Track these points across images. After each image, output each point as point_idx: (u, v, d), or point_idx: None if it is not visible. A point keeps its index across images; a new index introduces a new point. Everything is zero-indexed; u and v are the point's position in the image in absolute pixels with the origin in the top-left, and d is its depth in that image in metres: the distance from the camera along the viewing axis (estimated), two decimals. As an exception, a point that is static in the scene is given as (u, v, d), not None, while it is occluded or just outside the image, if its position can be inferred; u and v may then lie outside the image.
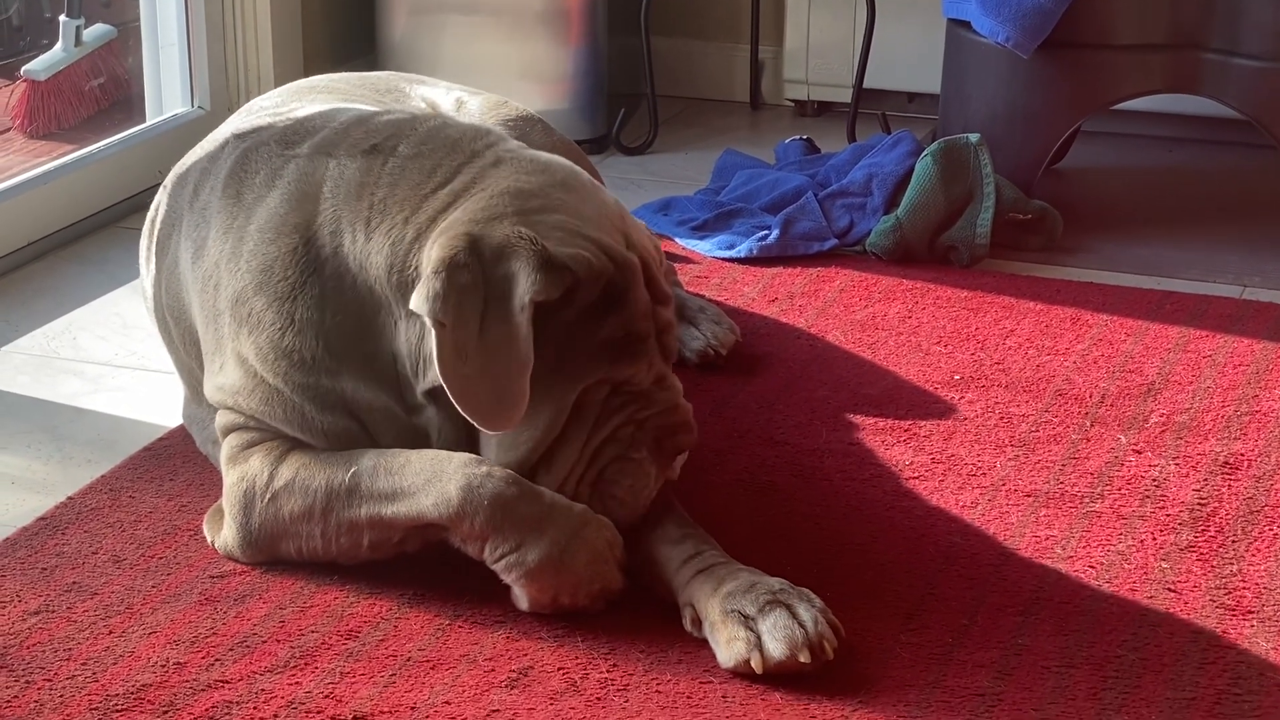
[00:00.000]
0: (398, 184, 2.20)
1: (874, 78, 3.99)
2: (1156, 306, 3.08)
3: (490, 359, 2.06)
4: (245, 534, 2.21)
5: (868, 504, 2.42)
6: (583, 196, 2.20)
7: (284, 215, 2.24)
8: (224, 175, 2.34)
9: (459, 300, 2.06)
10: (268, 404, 2.21)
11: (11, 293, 3.13)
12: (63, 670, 2.02)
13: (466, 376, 2.07)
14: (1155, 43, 3.38)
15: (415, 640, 2.09)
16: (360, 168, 2.23)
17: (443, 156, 2.22)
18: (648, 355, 2.16)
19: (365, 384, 2.19)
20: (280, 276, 2.21)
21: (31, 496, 2.43)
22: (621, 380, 2.14)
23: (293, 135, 2.33)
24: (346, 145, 2.27)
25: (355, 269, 2.19)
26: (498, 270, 2.07)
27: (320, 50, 3.95)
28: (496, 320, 2.06)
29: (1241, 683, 2.03)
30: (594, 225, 2.15)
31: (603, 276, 2.11)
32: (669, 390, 2.19)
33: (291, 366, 2.19)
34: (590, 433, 2.14)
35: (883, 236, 3.26)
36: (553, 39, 3.88)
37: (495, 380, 2.06)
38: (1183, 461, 2.53)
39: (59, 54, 3.81)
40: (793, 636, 2.00)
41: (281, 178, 2.27)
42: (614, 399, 2.15)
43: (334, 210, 2.22)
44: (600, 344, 2.12)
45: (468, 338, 2.06)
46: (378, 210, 2.19)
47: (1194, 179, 3.81)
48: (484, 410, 2.08)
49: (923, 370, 2.83)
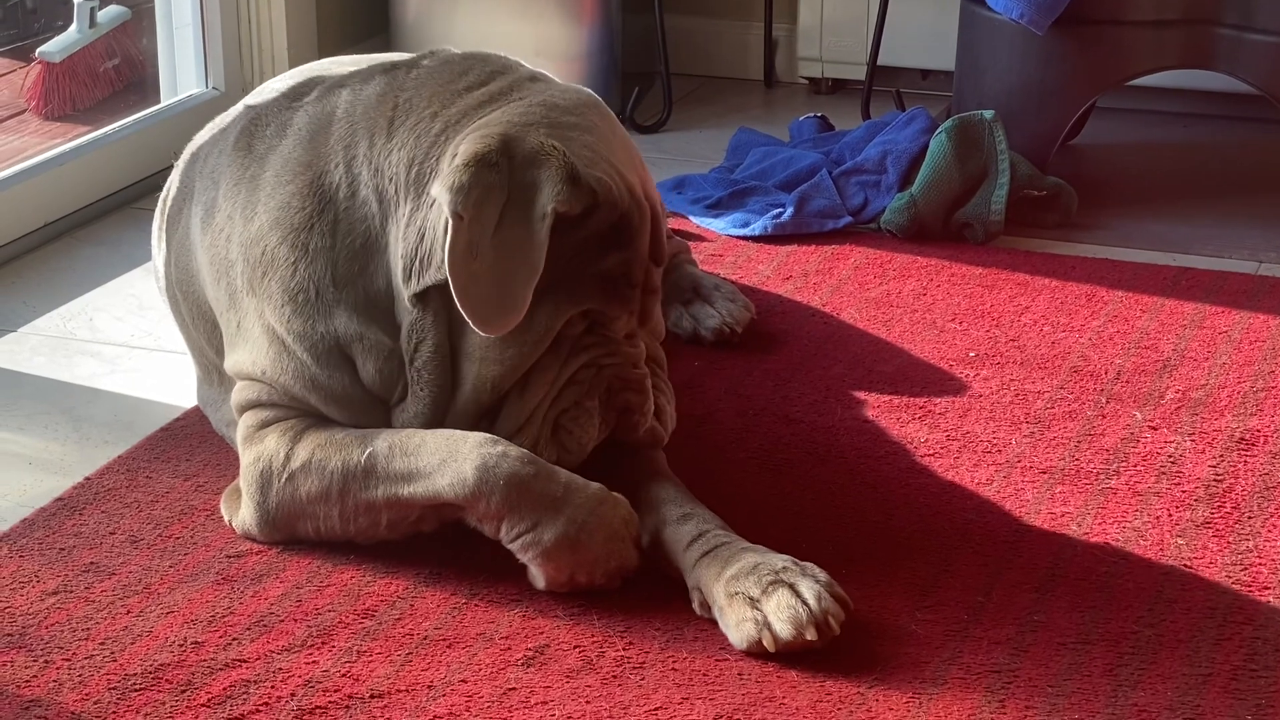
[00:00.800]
0: (425, 84, 2.21)
1: (888, 55, 3.98)
2: (1172, 283, 3.07)
3: (502, 259, 2.06)
4: (263, 514, 2.22)
5: (882, 481, 2.42)
6: (612, 126, 2.23)
7: (298, 155, 2.24)
8: (233, 137, 2.34)
9: (482, 196, 2.06)
10: (279, 359, 2.21)
11: (28, 274, 3.14)
12: (81, 650, 2.03)
13: (474, 273, 2.07)
14: (1170, 18, 3.37)
15: (431, 619, 2.10)
16: (381, 82, 2.24)
17: (473, 64, 2.24)
18: (633, 303, 2.17)
19: (357, 316, 2.18)
20: (296, 209, 2.21)
21: (49, 477, 2.44)
22: (601, 320, 2.16)
23: (300, 89, 2.34)
24: (361, 74, 2.27)
25: (370, 174, 2.18)
26: (525, 176, 2.08)
27: (334, 31, 3.95)
28: (515, 223, 2.07)
29: (1258, 658, 2.03)
30: (619, 157, 2.17)
31: (619, 207, 2.12)
32: (635, 348, 2.20)
33: (294, 311, 2.19)
34: (561, 366, 2.15)
35: (897, 214, 3.26)
36: (567, 17, 3.87)
37: (502, 281, 2.07)
38: (1199, 438, 2.53)
39: (74, 35, 3.82)
40: (797, 616, 2.00)
41: (293, 124, 2.27)
42: (586, 337, 2.16)
43: (349, 127, 2.21)
44: (598, 274, 2.13)
45: (483, 235, 2.06)
46: (403, 109, 2.19)
47: (1209, 155, 3.81)
48: (484, 310, 2.08)
49: (937, 347, 2.83)
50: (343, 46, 3.89)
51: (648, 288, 2.20)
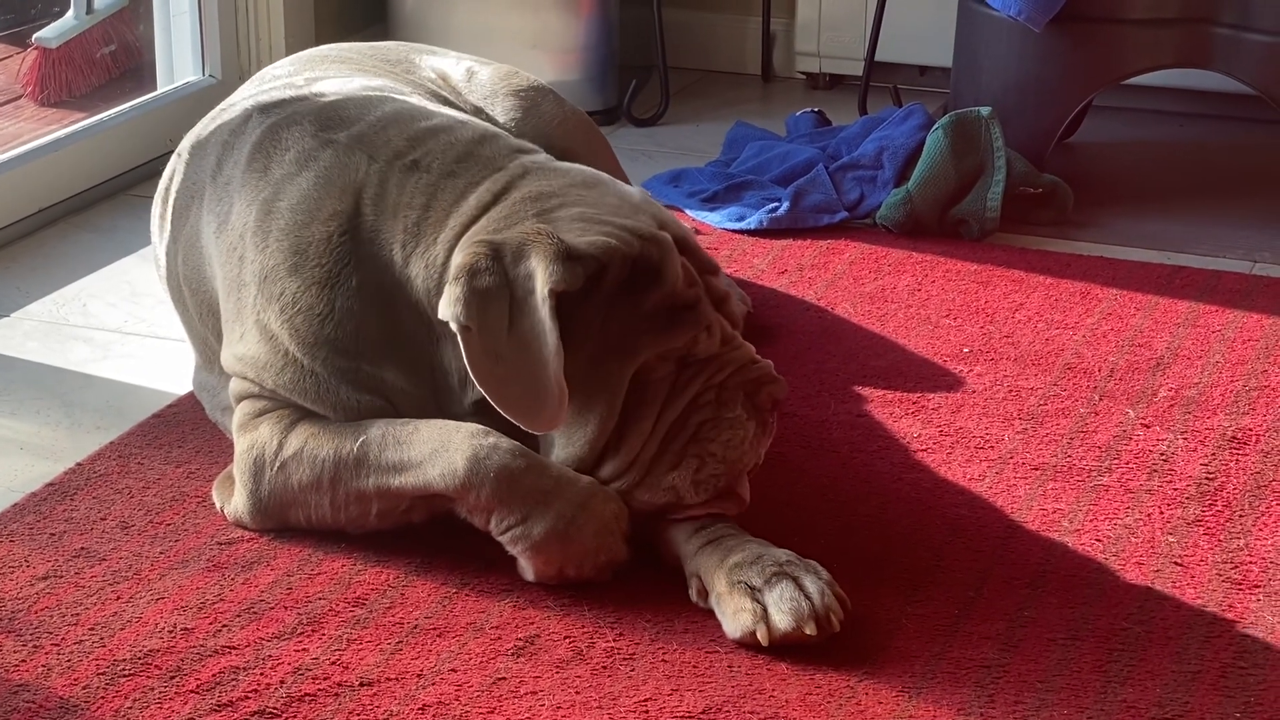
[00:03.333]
0: (429, 206, 2.21)
1: (886, 51, 3.98)
2: (1166, 281, 3.07)
3: (521, 356, 2.06)
4: (255, 502, 2.22)
5: (875, 476, 2.42)
6: (604, 191, 2.21)
7: (319, 200, 2.24)
8: (249, 149, 2.33)
9: (481, 303, 2.07)
10: (298, 382, 2.21)
11: (22, 259, 3.14)
12: (70, 635, 2.03)
13: (501, 377, 2.07)
14: (1167, 17, 3.37)
15: (422, 608, 2.10)
16: (397, 183, 2.23)
17: (475, 174, 2.23)
18: (702, 321, 2.13)
19: (405, 377, 2.20)
20: (316, 261, 2.21)
21: (40, 462, 2.44)
22: (683, 351, 2.13)
23: (328, 119, 2.32)
24: (388, 152, 2.26)
25: (400, 282, 2.19)
26: (519, 270, 2.08)
27: (331, 19, 3.95)
28: (521, 317, 2.07)
29: (1247, 656, 2.03)
30: (617, 211, 2.16)
31: (628, 256, 2.11)
32: (740, 349, 2.17)
33: (334, 353, 2.20)
34: (662, 409, 2.12)
35: (893, 209, 3.26)
36: (564, 9, 3.87)
37: (530, 378, 2.06)
38: (1190, 436, 2.53)
39: (70, 21, 3.81)
40: (799, 608, 2.00)
41: (317, 161, 2.27)
42: (685, 372, 2.13)
43: (375, 218, 2.22)
44: (645, 319, 2.11)
45: (496, 339, 2.07)
46: (411, 234, 2.20)
47: (1205, 154, 3.81)
48: (524, 408, 2.08)
49: (932, 343, 2.83)
50: (340, 35, 3.89)
51: (715, 298, 2.18)
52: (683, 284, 2.13)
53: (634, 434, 2.12)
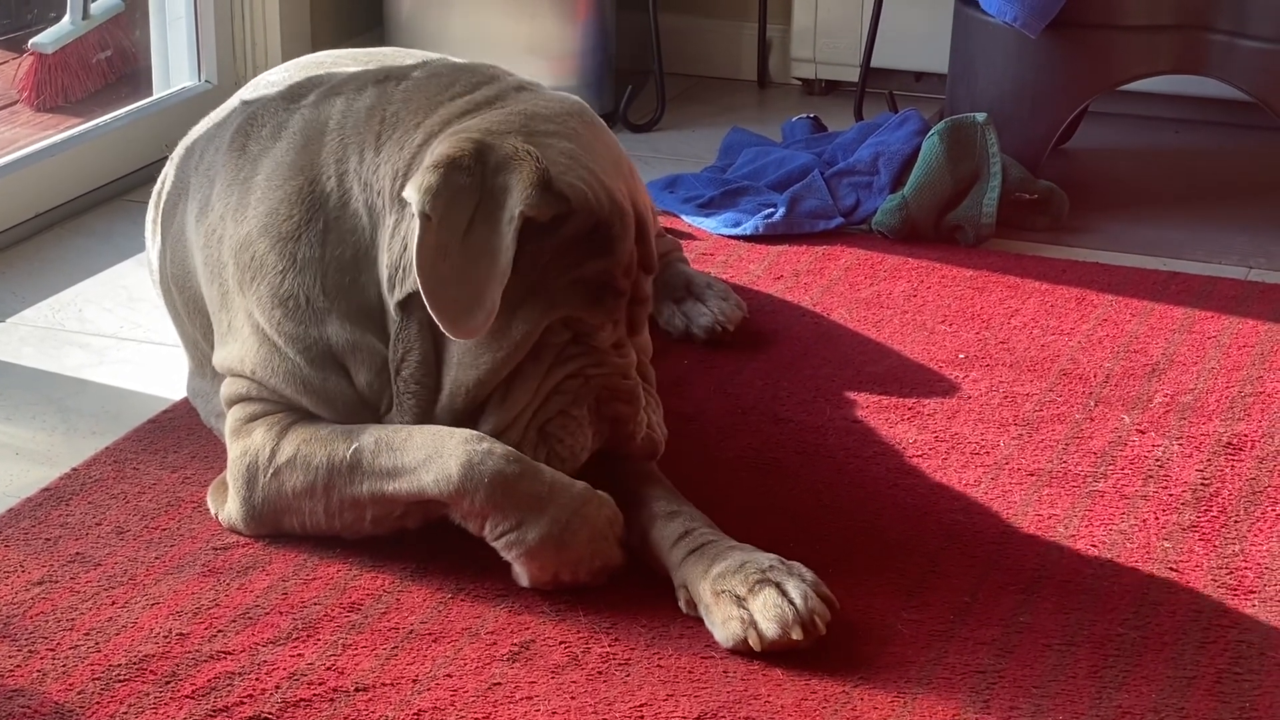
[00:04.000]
0: (412, 98, 2.21)
1: (881, 57, 3.98)
2: (1162, 287, 3.08)
3: (469, 262, 2.06)
4: (249, 508, 2.22)
5: (871, 482, 2.42)
6: (597, 135, 2.22)
7: (291, 160, 2.24)
8: (229, 136, 2.34)
9: (451, 198, 2.06)
10: (269, 359, 2.21)
11: (18, 265, 3.14)
12: (65, 640, 2.03)
13: (443, 276, 2.07)
14: (1162, 23, 3.37)
15: (417, 613, 2.10)
16: (372, 94, 2.24)
17: (460, 74, 2.24)
18: (617, 311, 2.16)
19: (350, 323, 2.19)
20: (285, 216, 2.21)
21: (36, 468, 2.44)
22: (585, 329, 2.15)
23: (298, 90, 2.34)
24: (355, 82, 2.27)
25: (360, 189, 2.19)
26: (497, 180, 2.08)
27: (327, 25, 3.95)
28: (483, 226, 2.07)
29: (1242, 662, 2.03)
30: (603, 164, 2.16)
31: (596, 214, 2.11)
32: (624, 358, 2.19)
33: (285, 315, 2.19)
34: (545, 374, 2.15)
35: (889, 215, 3.26)
36: (560, 15, 3.87)
37: (470, 284, 2.06)
38: (1186, 442, 2.53)
39: (67, 27, 3.81)
40: (783, 615, 2.00)
41: (288, 128, 2.27)
42: (571, 347, 2.16)
43: (340, 139, 2.22)
44: (577, 281, 2.12)
45: (451, 237, 2.06)
46: (389, 124, 2.19)
47: (1200, 160, 3.81)
48: (453, 312, 2.07)
49: (927, 349, 2.83)
50: (336, 41, 3.89)
51: (636, 297, 2.19)
52: (623, 268, 2.14)
53: (520, 390, 2.14)
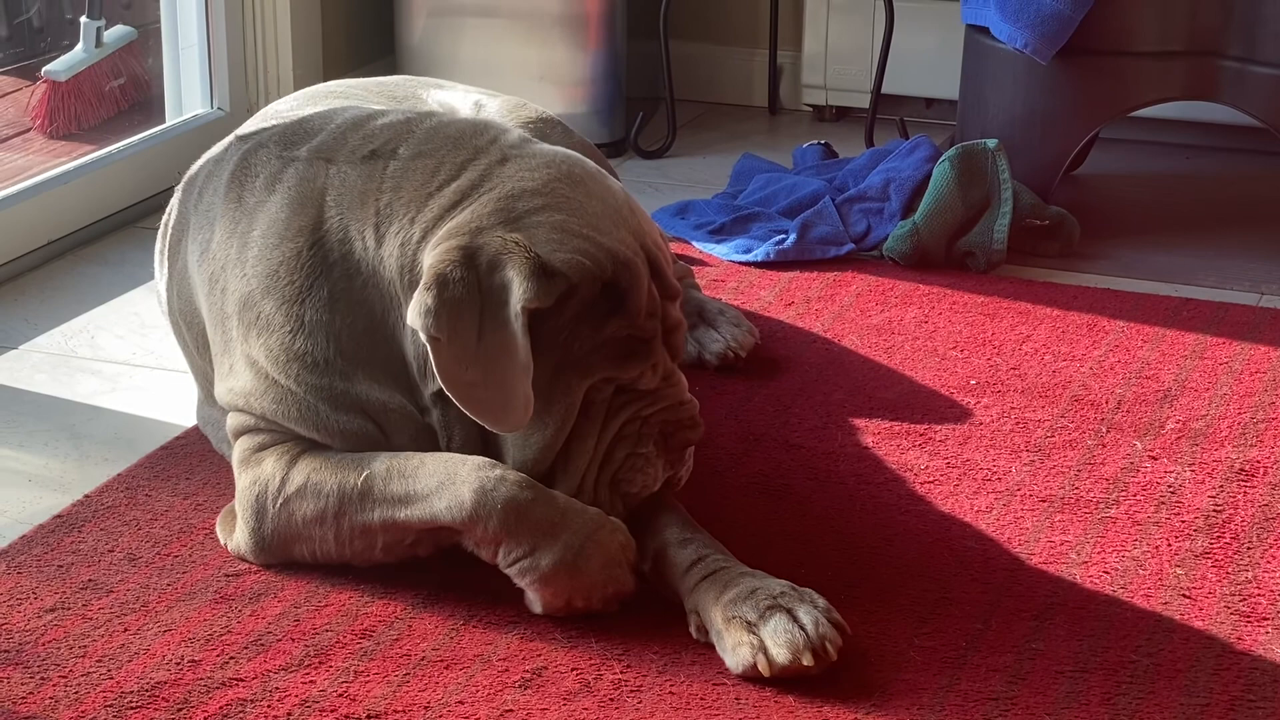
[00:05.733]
0: (401, 187, 2.21)
1: (892, 83, 3.99)
2: (1173, 313, 3.07)
3: (491, 366, 2.07)
4: (258, 538, 2.21)
5: (882, 508, 2.42)
6: (588, 191, 2.20)
7: (286, 220, 2.24)
8: (225, 178, 2.35)
9: (451, 314, 2.07)
10: (281, 404, 2.21)
11: (30, 292, 3.14)
12: (78, 667, 2.03)
13: (470, 384, 2.09)
14: (1173, 50, 3.38)
15: (429, 640, 2.10)
16: (362, 174, 2.24)
17: (445, 154, 2.23)
18: (652, 355, 2.16)
19: (379, 385, 2.20)
20: (287, 280, 2.22)
21: (49, 494, 2.44)
22: (626, 380, 2.15)
23: (291, 137, 2.34)
24: (345, 151, 2.27)
25: (368, 272, 2.19)
26: (494, 279, 2.08)
27: (339, 53, 3.96)
28: (493, 329, 2.07)
29: (1256, 689, 2.03)
30: (597, 222, 2.15)
31: (600, 278, 2.11)
32: (675, 386, 2.19)
33: (304, 369, 2.20)
34: (601, 430, 2.15)
35: (900, 241, 3.26)
36: (571, 42, 3.88)
37: (498, 386, 2.08)
38: (1198, 468, 2.53)
39: (80, 55, 3.82)
40: (794, 641, 2.00)
41: (281, 182, 2.28)
42: (619, 397, 2.16)
43: (340, 217, 2.22)
44: (603, 344, 2.12)
45: (465, 348, 2.08)
46: (384, 215, 2.20)
47: (1211, 186, 3.81)
48: (491, 414, 2.10)
49: (938, 375, 2.83)
50: (348, 69, 3.90)
51: (669, 326, 2.19)
52: (644, 316, 2.14)
53: (579, 453, 2.15)
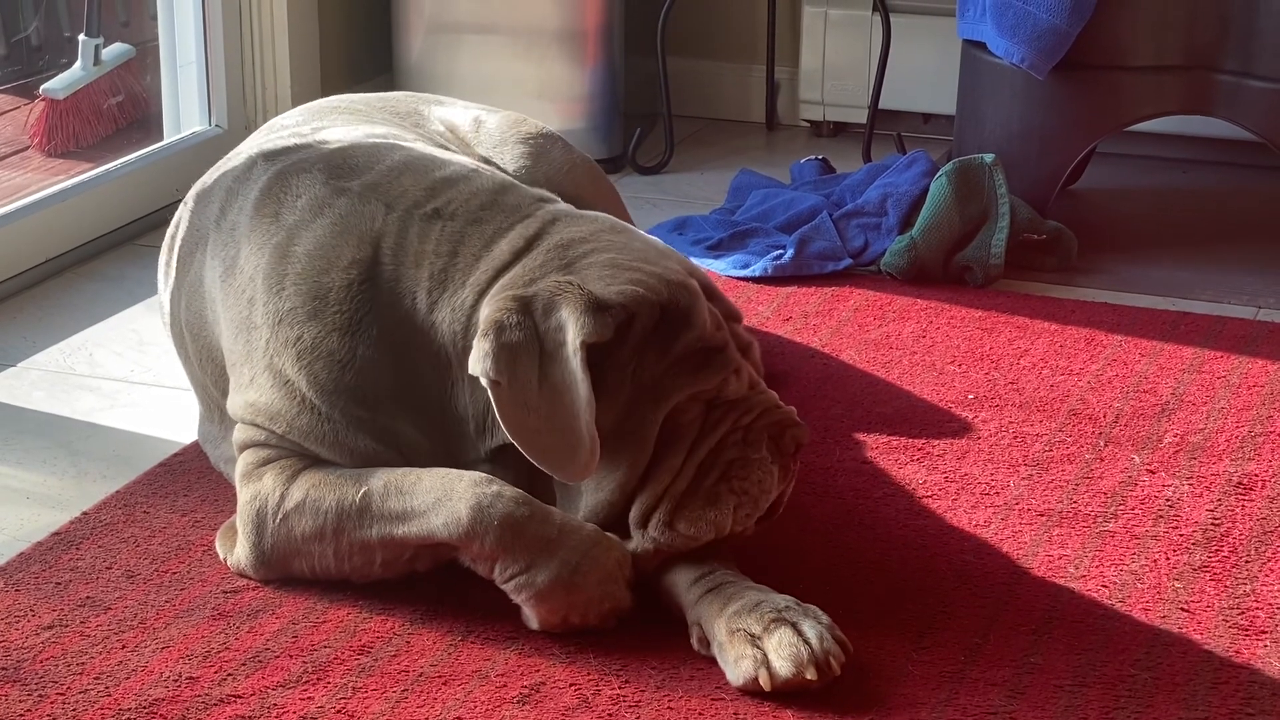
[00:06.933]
0: (457, 253, 2.22)
1: (889, 98, 3.99)
2: (1171, 327, 3.08)
3: (553, 408, 2.07)
4: (258, 553, 2.22)
5: (881, 522, 2.42)
6: (632, 236, 2.24)
7: (337, 248, 2.24)
8: (255, 195, 2.34)
9: (510, 357, 2.07)
10: (313, 428, 2.21)
11: (29, 309, 3.15)
12: (76, 684, 2.03)
13: (533, 429, 2.08)
14: (1170, 64, 3.38)
15: (427, 656, 2.10)
16: (419, 232, 2.24)
17: (500, 220, 2.24)
18: (731, 363, 2.15)
19: (418, 429, 2.21)
20: (336, 308, 2.22)
21: (46, 512, 2.44)
22: (713, 393, 2.14)
23: (338, 167, 2.33)
24: (406, 202, 2.27)
25: (418, 332, 2.20)
26: (550, 322, 2.09)
27: (337, 70, 3.97)
28: (553, 370, 2.08)
29: (1254, 703, 2.03)
30: (645, 255, 2.18)
31: (657, 303, 2.12)
32: (765, 394, 2.19)
33: (352, 402, 2.20)
34: (692, 448, 2.13)
35: (897, 256, 3.26)
36: (569, 59, 3.89)
37: (562, 428, 2.07)
38: (1196, 482, 2.53)
39: (78, 73, 3.83)
40: (798, 654, 2.00)
41: (331, 209, 2.28)
42: (713, 413, 2.15)
43: (395, 267, 2.23)
44: (676, 363, 2.12)
45: (527, 392, 2.08)
46: (437, 281, 2.21)
47: (1208, 200, 3.81)
48: (557, 460, 2.09)
49: (937, 389, 2.83)
50: (346, 86, 3.90)
51: (740, 344, 2.20)
52: (711, 328, 2.15)
53: (663, 470, 2.12)
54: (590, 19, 3.89)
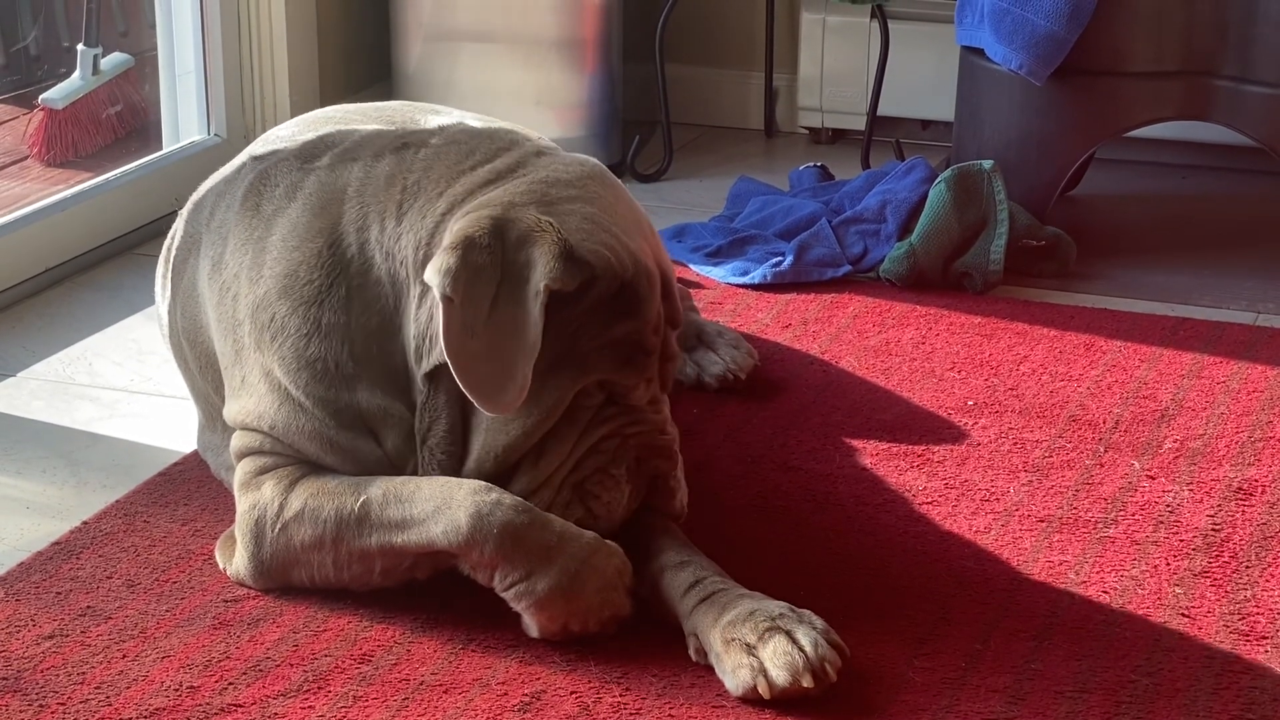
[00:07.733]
0: (432, 166, 2.21)
1: (888, 105, 4.00)
2: (1170, 333, 3.08)
3: (498, 339, 2.07)
4: (257, 563, 2.22)
5: (880, 529, 2.42)
6: (617, 195, 2.23)
7: (307, 222, 2.24)
8: (241, 193, 2.35)
9: (471, 278, 2.06)
10: (293, 418, 2.21)
11: (28, 319, 3.15)
12: (76, 694, 2.03)
13: (472, 354, 2.07)
14: (1168, 70, 3.39)
15: (428, 664, 2.10)
16: (391, 161, 2.24)
17: (479, 141, 2.24)
18: (649, 370, 2.17)
19: (379, 390, 2.19)
20: (305, 280, 2.21)
21: (46, 521, 2.44)
22: (619, 390, 2.15)
23: (311, 150, 2.34)
24: (372, 148, 2.28)
25: (382, 258, 2.19)
26: (519, 255, 2.08)
27: (336, 78, 3.97)
28: (509, 302, 2.07)
29: (1255, 708, 2.03)
30: (624, 225, 2.17)
31: (621, 277, 2.12)
32: (660, 414, 2.20)
33: (313, 378, 2.20)
34: (580, 436, 2.15)
35: (896, 263, 3.26)
36: (568, 66, 3.89)
37: (500, 361, 2.07)
38: (1196, 487, 2.53)
39: (77, 82, 3.83)
40: (793, 662, 2.00)
41: (302, 189, 2.28)
42: (607, 408, 2.16)
43: (360, 207, 2.22)
44: (608, 344, 2.13)
45: (476, 316, 2.07)
46: (410, 192, 2.20)
47: (1207, 206, 3.82)
48: (485, 389, 2.08)
49: (936, 396, 2.83)
50: (344, 94, 3.91)
51: (665, 354, 2.20)
52: (652, 327, 2.15)
53: (553, 452, 2.14)
54: (589, 26, 3.89)
